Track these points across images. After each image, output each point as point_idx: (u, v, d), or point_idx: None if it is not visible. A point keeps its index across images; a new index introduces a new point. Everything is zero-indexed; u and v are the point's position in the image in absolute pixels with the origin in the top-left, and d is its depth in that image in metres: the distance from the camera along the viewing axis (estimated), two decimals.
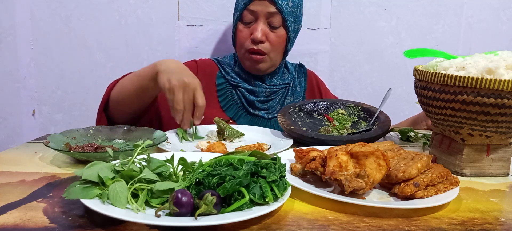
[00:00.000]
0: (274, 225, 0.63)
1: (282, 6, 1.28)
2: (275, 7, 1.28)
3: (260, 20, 1.30)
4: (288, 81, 1.44)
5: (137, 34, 1.63)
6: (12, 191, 0.74)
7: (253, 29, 1.31)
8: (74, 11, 1.61)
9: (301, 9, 1.37)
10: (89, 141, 1.01)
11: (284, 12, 1.29)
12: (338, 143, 1.00)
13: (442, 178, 0.76)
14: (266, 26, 1.31)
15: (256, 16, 1.30)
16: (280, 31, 1.32)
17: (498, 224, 0.67)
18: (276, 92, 1.42)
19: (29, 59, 1.64)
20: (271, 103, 1.41)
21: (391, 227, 0.64)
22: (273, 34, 1.31)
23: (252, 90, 1.39)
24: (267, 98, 1.40)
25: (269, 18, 1.30)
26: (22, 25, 1.61)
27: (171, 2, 1.61)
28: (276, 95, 1.42)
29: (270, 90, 1.40)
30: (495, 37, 1.70)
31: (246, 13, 1.31)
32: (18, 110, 1.69)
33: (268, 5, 1.28)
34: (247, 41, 1.32)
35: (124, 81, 1.19)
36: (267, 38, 1.31)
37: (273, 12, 1.29)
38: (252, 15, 1.30)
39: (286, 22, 1.31)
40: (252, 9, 1.29)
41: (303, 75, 1.50)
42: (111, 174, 0.67)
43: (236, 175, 0.64)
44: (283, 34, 1.33)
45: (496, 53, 0.87)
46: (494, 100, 0.80)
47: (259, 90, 1.38)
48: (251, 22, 1.32)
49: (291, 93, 1.44)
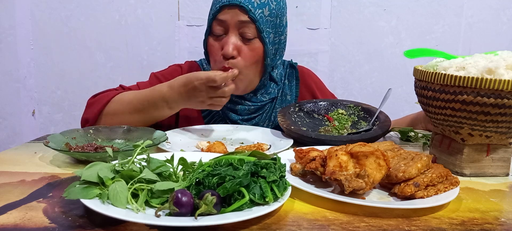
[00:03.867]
0: (274, 225, 0.63)
1: (256, 15, 1.09)
2: (247, 16, 1.09)
3: (231, 32, 1.12)
4: (275, 94, 1.28)
5: (137, 34, 1.63)
6: (12, 191, 0.74)
7: (222, 43, 1.13)
8: (74, 11, 1.61)
9: (283, 18, 1.18)
10: (89, 141, 1.01)
11: (258, 21, 1.10)
12: (338, 143, 1.00)
13: (442, 178, 0.76)
14: (238, 39, 1.12)
15: (226, 27, 1.12)
16: (254, 43, 1.13)
17: (498, 224, 0.67)
18: (262, 108, 1.27)
19: (29, 59, 1.64)
20: (257, 120, 1.27)
21: (391, 227, 0.64)
22: (246, 47, 1.13)
23: (234, 109, 1.24)
24: (251, 116, 1.26)
25: (241, 28, 1.11)
26: (22, 25, 1.61)
27: (171, 2, 1.61)
28: (262, 110, 1.27)
29: (254, 107, 1.25)
30: (495, 37, 1.70)
31: (215, 24, 1.13)
32: (18, 110, 1.69)
33: (239, 13, 1.10)
34: (218, 57, 1.14)
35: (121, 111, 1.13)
36: (239, 53, 1.13)
37: (245, 21, 1.10)
38: (222, 25, 1.12)
39: (262, 33, 1.11)
40: (221, 19, 1.11)
41: (294, 78, 1.34)
42: (111, 174, 0.67)
43: (236, 175, 0.64)
44: (258, 47, 1.14)
45: (496, 53, 0.87)
46: (494, 100, 0.80)
47: (242, 109, 1.24)
48: (222, 35, 1.14)
49: (280, 105, 1.30)
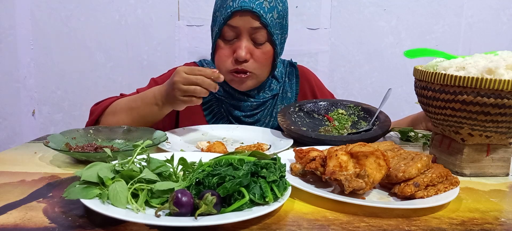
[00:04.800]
0: (274, 225, 0.63)
1: (267, 20, 1.13)
2: (259, 22, 1.13)
3: (243, 37, 1.15)
4: (276, 91, 1.33)
5: (137, 34, 1.63)
6: (12, 191, 0.74)
7: (236, 47, 1.15)
8: (74, 11, 1.61)
9: (287, 18, 1.24)
10: (89, 141, 1.01)
11: (269, 26, 1.14)
12: (338, 143, 1.00)
13: (442, 178, 0.76)
14: (250, 43, 1.16)
15: (238, 33, 1.15)
16: (265, 47, 1.17)
17: (498, 224, 0.67)
18: (264, 104, 1.31)
19: (29, 59, 1.64)
20: (258, 116, 1.30)
21: (391, 227, 0.64)
22: (258, 51, 1.17)
23: (237, 105, 1.28)
24: (253, 112, 1.29)
25: (253, 34, 1.15)
26: (22, 25, 1.61)
27: (171, 2, 1.61)
28: (264, 106, 1.31)
29: (257, 103, 1.29)
30: (495, 37, 1.70)
31: (226, 29, 1.15)
32: (18, 110, 1.69)
33: (251, 20, 1.13)
34: (229, 60, 1.18)
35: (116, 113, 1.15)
36: (251, 56, 1.17)
37: (257, 27, 1.14)
38: (234, 31, 1.15)
39: (272, 36, 1.16)
40: (233, 25, 1.14)
41: (294, 76, 1.38)
42: (111, 174, 0.67)
43: (236, 175, 0.64)
44: (269, 50, 1.18)
45: (496, 53, 0.87)
46: (494, 100, 0.80)
47: (245, 105, 1.28)
48: (233, 39, 1.17)
49: (281, 101, 1.34)
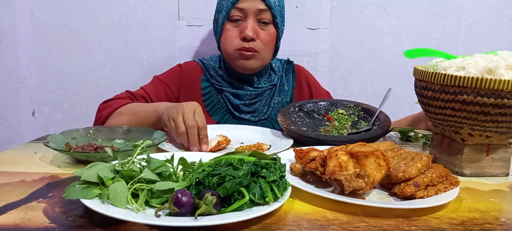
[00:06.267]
0: (274, 225, 0.63)
1: (271, 3, 1.27)
2: (264, 4, 1.27)
3: (249, 18, 1.27)
4: (274, 82, 1.41)
5: (137, 34, 1.63)
6: (12, 191, 0.74)
7: (242, 27, 1.28)
8: (74, 11, 1.61)
9: (284, 12, 1.37)
10: (89, 141, 1.01)
11: (273, 8, 1.28)
12: (338, 143, 1.00)
13: (442, 178, 0.76)
14: (256, 24, 1.28)
15: (245, 14, 1.28)
16: (270, 28, 1.30)
17: (498, 224, 0.67)
18: (262, 94, 1.38)
19: (29, 59, 1.64)
20: (257, 105, 1.38)
21: (391, 227, 0.64)
22: (263, 32, 1.29)
23: (237, 94, 1.36)
24: (252, 101, 1.37)
25: (258, 15, 1.28)
26: (22, 25, 1.61)
27: (171, 2, 1.61)
28: (262, 97, 1.39)
29: (256, 92, 1.37)
30: (495, 37, 1.70)
31: (234, 11, 1.28)
32: (18, 110, 1.69)
33: (257, 1, 1.26)
34: (236, 40, 1.29)
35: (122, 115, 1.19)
36: (258, 36, 1.28)
37: (262, 9, 1.27)
38: (241, 13, 1.28)
39: (276, 19, 1.29)
40: (241, 7, 1.27)
41: (291, 72, 1.46)
42: (111, 174, 0.67)
43: (236, 175, 0.64)
44: (273, 32, 1.31)
45: (496, 53, 0.87)
46: (494, 100, 0.80)
47: (244, 94, 1.35)
48: (239, 21, 1.29)
49: (278, 93, 1.41)
